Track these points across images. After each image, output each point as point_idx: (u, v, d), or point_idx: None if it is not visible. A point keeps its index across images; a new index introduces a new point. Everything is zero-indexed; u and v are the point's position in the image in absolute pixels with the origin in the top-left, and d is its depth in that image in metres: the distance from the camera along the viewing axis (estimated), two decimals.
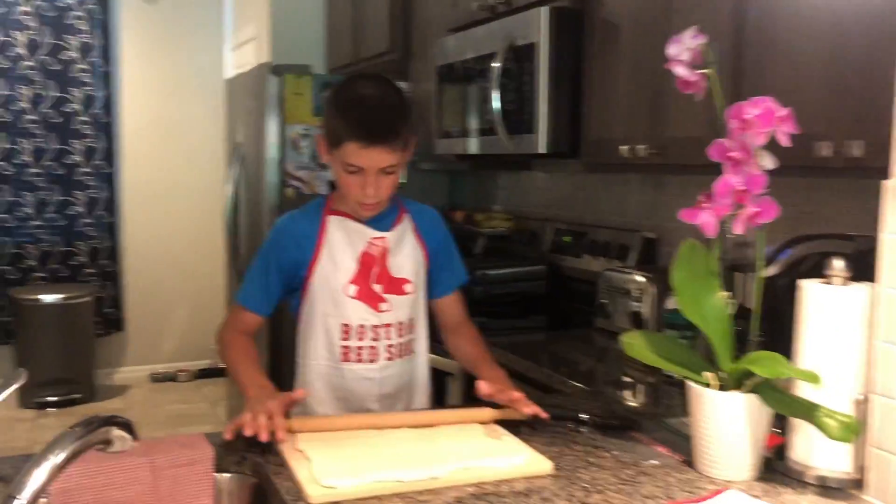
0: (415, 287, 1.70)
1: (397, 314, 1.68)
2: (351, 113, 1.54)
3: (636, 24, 2.10)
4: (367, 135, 1.51)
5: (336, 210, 1.67)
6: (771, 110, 1.20)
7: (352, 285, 1.64)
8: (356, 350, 1.66)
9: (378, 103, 1.56)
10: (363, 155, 1.52)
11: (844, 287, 1.26)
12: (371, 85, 1.60)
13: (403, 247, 1.69)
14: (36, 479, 0.91)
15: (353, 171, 1.55)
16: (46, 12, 4.82)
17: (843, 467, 1.26)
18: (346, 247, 1.65)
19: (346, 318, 1.64)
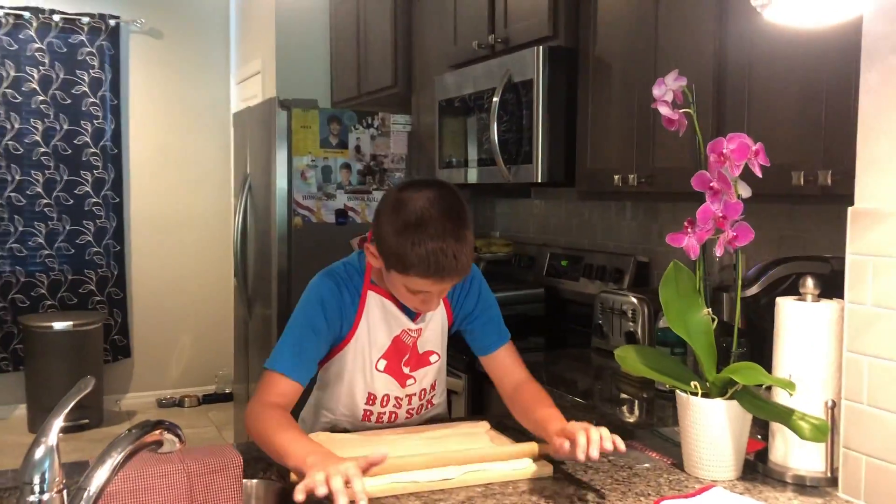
0: (439, 357, 1.71)
1: (421, 384, 1.70)
2: (422, 245, 1.41)
3: (626, 62, 2.26)
4: (439, 272, 1.44)
5: (376, 286, 1.62)
6: (746, 145, 1.34)
7: (382, 360, 1.64)
8: (377, 415, 1.68)
9: (451, 234, 1.43)
10: (433, 287, 1.48)
11: (816, 304, 1.39)
12: (437, 207, 1.44)
13: (432, 323, 1.67)
14: (100, 475, 1.03)
15: (416, 292, 1.50)
16: (59, 49, 4.99)
17: (818, 467, 1.38)
18: (382, 326, 1.62)
19: (374, 388, 1.65)
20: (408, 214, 1.44)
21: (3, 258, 4.96)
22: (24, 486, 0.95)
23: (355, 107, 3.94)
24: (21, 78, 4.92)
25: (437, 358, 1.70)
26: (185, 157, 5.43)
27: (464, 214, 1.48)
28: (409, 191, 1.48)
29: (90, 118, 5.10)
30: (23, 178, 4.97)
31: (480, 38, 2.82)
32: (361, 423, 1.68)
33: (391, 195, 1.51)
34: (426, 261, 1.42)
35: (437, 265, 1.42)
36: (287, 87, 4.28)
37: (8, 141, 4.90)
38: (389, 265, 1.49)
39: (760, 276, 1.78)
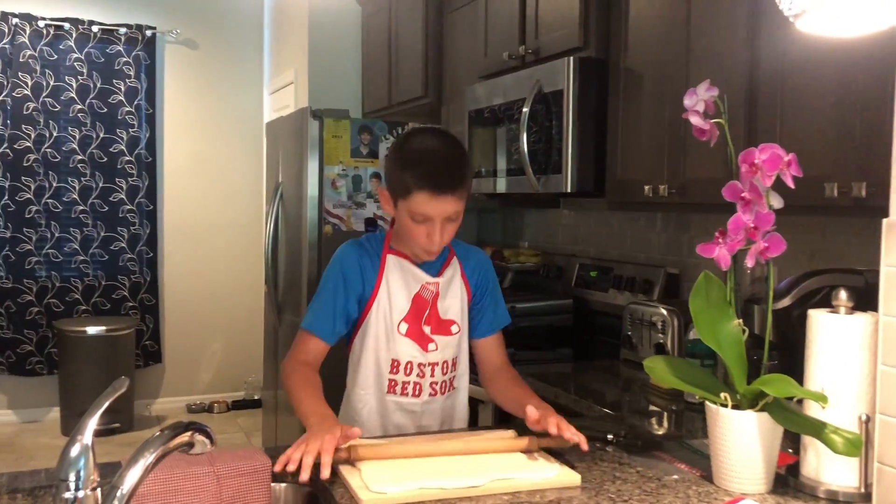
0: (460, 328, 1.80)
1: (443, 353, 1.78)
2: (420, 165, 1.62)
3: (657, 72, 2.25)
4: (437, 185, 1.60)
5: (394, 250, 1.77)
6: (777, 155, 1.33)
7: (404, 323, 1.74)
8: (402, 384, 1.76)
9: (445, 155, 1.65)
10: (432, 204, 1.61)
11: (849, 316, 1.37)
12: (435, 138, 1.69)
13: (451, 289, 1.79)
14: (133, 474, 1.05)
15: (420, 221, 1.64)
16: (97, 59, 5.09)
17: (852, 482, 1.36)
18: (401, 287, 1.74)
19: (396, 354, 1.74)
20: (410, 146, 1.68)
21: (40, 263, 5.06)
22: (60, 483, 0.97)
23: (386, 117, 3.97)
24: (60, 87, 5.03)
25: (458, 329, 1.80)
26: (218, 166, 5.50)
27: (460, 147, 1.71)
28: (413, 133, 1.74)
29: (126, 126, 5.19)
30: (59, 185, 5.07)
31: (511, 49, 2.84)
32: (387, 395, 1.76)
33: (397, 138, 1.74)
34: (426, 175, 1.60)
35: (435, 177, 1.60)
36: (319, 98, 4.33)
37: (46, 148, 5.01)
38: (395, 194, 1.66)
39: (792, 288, 1.76)
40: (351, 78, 4.44)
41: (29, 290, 5.04)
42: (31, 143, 4.96)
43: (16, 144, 4.92)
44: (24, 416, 5.14)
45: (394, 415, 1.78)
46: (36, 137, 4.97)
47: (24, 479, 1.40)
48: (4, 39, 4.87)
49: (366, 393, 1.77)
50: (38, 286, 5.06)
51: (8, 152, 4.91)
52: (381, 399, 1.77)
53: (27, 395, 5.13)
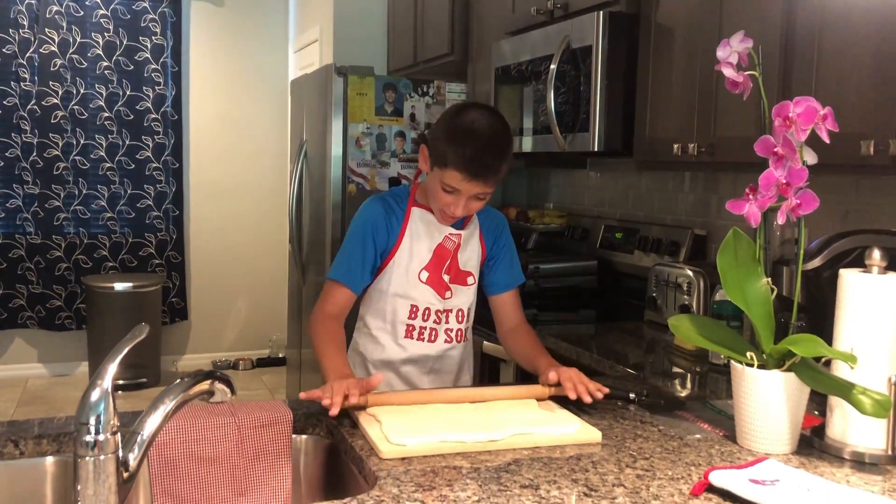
0: (475, 280, 1.88)
1: (458, 301, 1.85)
2: (461, 145, 1.65)
3: (689, 27, 2.19)
4: (472, 171, 1.65)
5: (419, 203, 1.83)
6: (813, 109, 1.29)
7: (424, 271, 1.80)
8: (419, 329, 1.82)
9: (487, 142, 1.66)
10: (463, 184, 1.67)
11: (882, 276, 1.34)
12: (485, 119, 1.69)
13: (471, 243, 1.86)
14: (153, 420, 1.06)
15: (449, 192, 1.70)
16: (123, 16, 5.08)
17: (879, 444, 1.34)
18: (424, 237, 1.81)
19: (415, 299, 1.81)
20: (461, 120, 1.69)
21: (68, 220, 5.11)
22: (81, 426, 0.97)
23: (411, 75, 3.92)
24: (87, 44, 5.03)
25: (473, 281, 1.86)
26: (244, 124, 5.50)
27: (507, 137, 1.73)
28: (470, 106, 1.75)
29: (152, 84, 5.19)
30: (87, 142, 5.10)
31: (539, 4, 2.78)
32: (403, 340, 1.81)
33: (454, 106, 1.76)
34: (465, 158, 1.64)
35: (473, 165, 1.64)
36: (344, 55, 4.29)
37: (73, 105, 5.03)
38: (434, 161, 1.71)
39: (823, 248, 1.72)
40: (376, 36, 4.38)
41: (58, 246, 5.10)
42: (59, 100, 4.98)
43: (43, 101, 4.94)
44: (54, 369, 5.24)
45: (407, 359, 1.83)
46: (63, 94, 4.99)
47: (48, 425, 1.41)
48: None
49: (380, 336, 1.83)
50: (66, 242, 5.12)
51: (36, 109, 4.93)
52: (396, 343, 1.82)
53: (57, 350, 5.22)
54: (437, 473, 1.22)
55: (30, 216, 5.03)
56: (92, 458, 0.97)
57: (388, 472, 1.23)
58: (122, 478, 1.01)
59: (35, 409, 4.58)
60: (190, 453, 1.40)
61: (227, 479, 1.42)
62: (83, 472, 0.98)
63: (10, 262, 5.03)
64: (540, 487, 1.18)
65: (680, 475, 1.24)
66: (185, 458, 1.40)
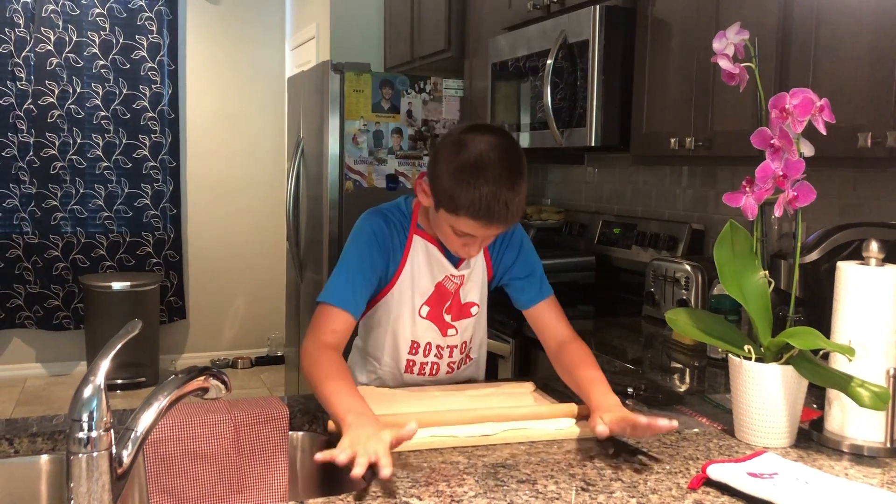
0: (479, 309, 1.71)
1: (462, 336, 1.70)
2: (472, 188, 1.41)
3: (686, 21, 2.18)
4: (489, 217, 1.43)
5: (422, 230, 1.64)
6: (809, 100, 1.28)
7: (425, 306, 1.64)
8: (420, 365, 1.69)
9: (501, 179, 1.42)
10: (480, 231, 1.47)
11: (880, 268, 1.33)
12: (493, 148, 1.44)
13: (473, 275, 1.68)
14: (147, 416, 1.05)
15: (461, 236, 1.51)
16: (119, 14, 5.07)
17: (877, 437, 1.33)
18: (426, 271, 1.63)
19: (416, 336, 1.66)
20: (467, 155, 1.44)
21: (65, 219, 5.10)
22: (73, 423, 0.97)
23: (408, 71, 3.92)
24: (83, 43, 5.01)
25: (478, 310, 1.70)
26: (241, 122, 5.49)
27: (521, 164, 1.47)
28: (471, 133, 1.48)
29: (148, 83, 5.17)
30: (84, 141, 5.09)
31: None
32: (404, 375, 1.69)
33: (453, 135, 1.50)
34: (477, 204, 1.41)
35: (488, 209, 1.42)
36: (340, 53, 4.28)
37: (70, 104, 5.01)
38: (440, 204, 1.49)
39: (821, 241, 1.72)
40: (373, 32, 4.38)
41: (55, 245, 5.09)
42: (55, 99, 4.96)
43: (40, 100, 4.93)
44: (52, 369, 5.23)
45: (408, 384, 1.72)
46: (59, 93, 4.97)
47: (44, 423, 1.41)
48: None
49: (381, 369, 1.71)
50: (63, 242, 5.11)
51: (32, 108, 4.92)
52: (396, 376, 1.71)
53: (55, 350, 5.22)
54: (434, 469, 1.22)
55: (27, 216, 5.02)
56: (85, 454, 0.97)
57: None
58: (115, 475, 1.00)
59: (33, 408, 4.57)
60: (186, 450, 1.40)
61: (224, 476, 1.42)
62: (76, 469, 0.97)
63: (7, 262, 5.02)
64: (537, 482, 1.17)
65: (678, 469, 1.23)
66: (182, 455, 1.39)
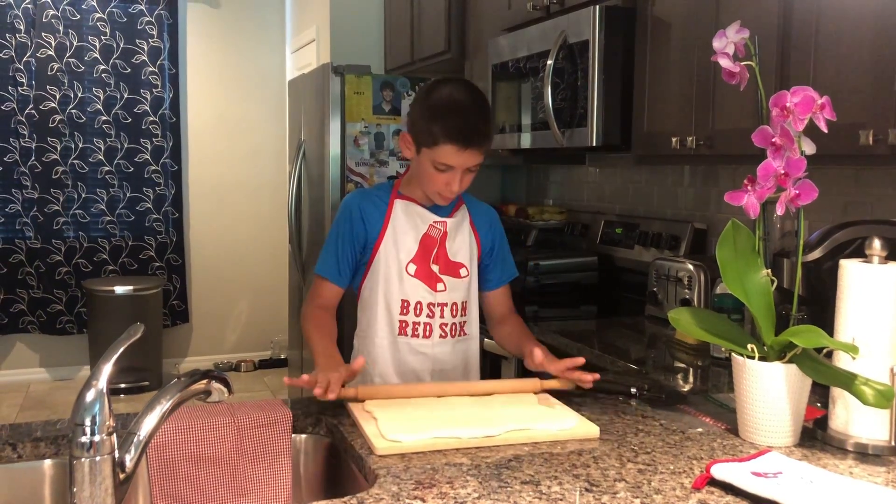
0: (469, 272, 1.83)
1: (452, 295, 1.81)
2: (449, 118, 1.64)
3: (686, 21, 2.18)
4: (466, 139, 1.63)
5: (403, 195, 1.80)
6: (810, 98, 1.28)
7: (412, 264, 1.77)
8: (412, 325, 1.79)
9: (473, 109, 1.67)
10: (458, 156, 1.65)
11: (882, 265, 1.33)
12: (462, 90, 1.70)
13: (460, 233, 1.82)
14: (150, 420, 1.05)
15: (442, 170, 1.67)
16: (119, 19, 5.08)
17: (882, 435, 1.33)
18: (409, 229, 1.78)
19: (406, 294, 1.77)
20: (437, 95, 1.69)
21: (68, 224, 5.11)
22: (76, 427, 0.97)
23: (408, 73, 3.91)
24: (83, 47, 5.02)
25: (467, 273, 1.82)
26: (242, 126, 5.49)
27: (486, 101, 1.73)
28: (439, 83, 1.74)
29: (149, 87, 5.18)
30: (85, 146, 5.09)
31: (535, 0, 2.76)
32: (398, 339, 1.78)
33: (423, 87, 1.76)
34: (455, 129, 1.63)
35: (464, 131, 1.63)
36: (341, 55, 4.28)
37: (71, 109, 5.02)
38: (420, 143, 1.69)
39: (823, 240, 1.72)
40: (373, 35, 4.38)
41: (57, 250, 5.09)
42: (56, 104, 4.97)
43: (41, 105, 4.93)
44: (55, 374, 5.24)
45: (406, 357, 1.80)
46: (61, 98, 4.98)
47: (47, 428, 1.41)
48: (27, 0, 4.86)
49: (377, 336, 1.80)
50: (66, 246, 5.11)
51: (34, 113, 4.93)
52: (393, 341, 1.80)
53: (58, 354, 5.22)
54: (437, 470, 1.22)
55: (29, 221, 5.02)
56: (88, 459, 0.97)
57: (388, 469, 1.22)
58: (118, 479, 1.00)
59: (37, 413, 4.57)
60: (189, 454, 1.40)
61: (227, 479, 1.42)
62: (79, 473, 0.97)
63: (10, 267, 5.03)
64: (541, 483, 1.17)
65: (682, 469, 1.23)
66: (185, 459, 1.39)
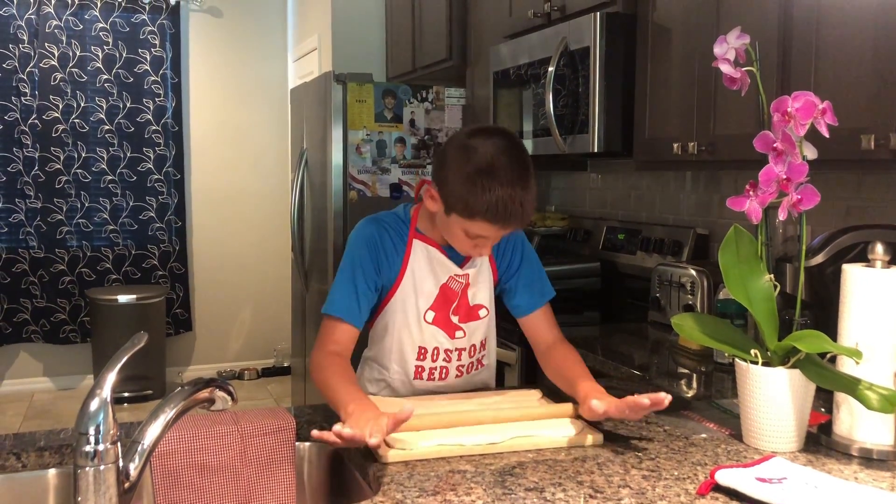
0: (489, 311, 1.71)
1: (471, 339, 1.69)
2: (486, 192, 1.43)
3: (686, 27, 2.19)
4: (505, 218, 1.46)
5: (421, 234, 1.65)
6: (811, 103, 1.28)
7: (430, 312, 1.64)
8: (429, 370, 1.68)
9: (513, 179, 1.45)
10: (495, 232, 1.50)
11: (885, 270, 1.33)
12: (501, 150, 1.46)
13: (481, 276, 1.68)
14: (154, 429, 1.05)
15: (473, 237, 1.52)
16: (122, 28, 5.10)
17: (887, 440, 1.32)
18: (428, 275, 1.63)
19: (424, 342, 1.65)
20: (478, 160, 1.45)
21: (71, 233, 5.12)
22: (80, 436, 0.97)
23: (410, 81, 3.93)
24: (86, 57, 5.04)
25: (486, 313, 1.70)
26: (244, 134, 5.50)
27: (529, 163, 1.50)
28: (477, 137, 1.50)
29: (152, 96, 5.20)
30: (88, 155, 5.11)
31: (536, 7, 2.77)
32: (414, 380, 1.69)
33: (459, 139, 1.52)
34: (494, 207, 1.44)
35: (505, 212, 1.45)
36: (343, 64, 4.29)
37: (74, 119, 5.04)
38: (452, 209, 1.50)
39: (826, 244, 1.72)
40: (375, 43, 4.39)
41: (61, 259, 5.10)
42: (59, 114, 4.99)
43: (44, 115, 4.95)
44: (59, 383, 5.24)
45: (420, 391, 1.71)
46: (64, 108, 5.00)
47: (51, 437, 1.41)
48: (30, 10, 4.88)
49: (390, 377, 1.70)
50: (69, 256, 5.12)
51: (37, 123, 4.94)
52: (406, 381, 1.70)
53: (62, 363, 5.22)
54: (441, 478, 1.21)
55: (32, 230, 5.03)
56: (92, 468, 0.97)
57: (392, 477, 1.22)
58: (122, 488, 1.00)
59: (41, 423, 4.57)
60: (193, 463, 1.39)
61: (231, 488, 1.41)
62: (83, 482, 0.97)
63: (13, 277, 5.03)
64: (545, 490, 1.17)
65: (686, 475, 1.23)
66: (189, 467, 1.39)
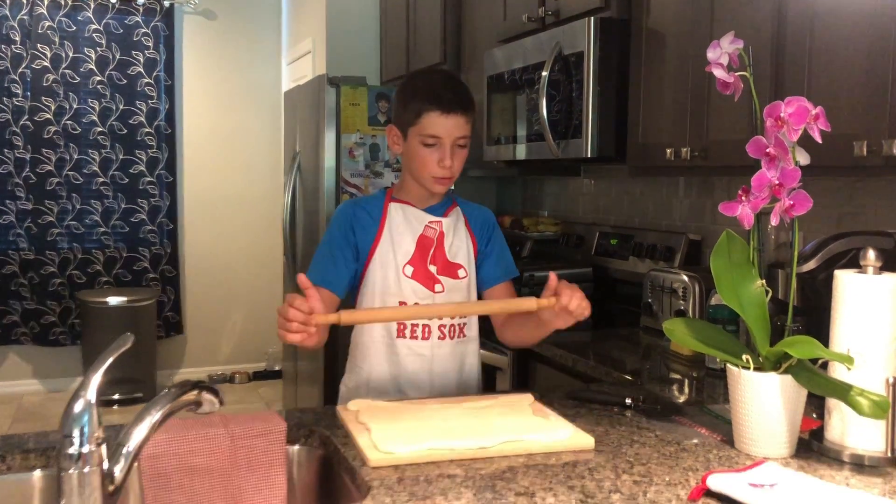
0: (467, 274, 1.80)
1: (451, 296, 1.77)
2: (428, 89, 1.69)
3: (680, 32, 2.19)
4: (447, 103, 1.66)
5: (397, 199, 1.81)
6: (804, 109, 1.28)
7: (409, 266, 1.75)
8: (410, 326, 1.76)
9: (450, 79, 1.76)
10: (442, 123, 1.67)
11: (877, 276, 1.33)
12: (436, 71, 1.90)
13: (457, 234, 1.81)
14: (139, 431, 1.04)
15: (430, 144, 1.68)
16: (115, 30, 5.08)
17: (878, 446, 1.32)
18: (405, 230, 1.77)
19: (403, 296, 1.74)
20: (414, 78, 1.78)
21: (62, 235, 5.09)
22: (64, 438, 0.96)
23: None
24: (79, 59, 5.02)
25: (466, 274, 1.80)
26: (237, 137, 5.49)
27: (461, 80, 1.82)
28: (414, 72, 1.88)
29: (145, 98, 5.18)
30: (80, 157, 5.09)
31: (530, 11, 2.77)
32: (396, 339, 1.75)
33: (401, 81, 1.81)
34: (433, 95, 1.67)
35: (443, 97, 1.67)
36: (337, 67, 4.28)
37: (66, 121, 5.02)
38: (405, 125, 1.71)
39: (818, 250, 1.71)
40: (369, 47, 4.39)
41: (51, 261, 5.08)
42: (52, 115, 4.97)
43: (36, 116, 4.93)
44: (49, 385, 5.21)
45: (404, 360, 1.76)
46: (56, 109, 4.98)
47: (38, 439, 1.39)
48: (23, 11, 4.87)
49: (375, 339, 1.77)
50: (60, 258, 5.09)
51: (28, 124, 4.92)
52: (390, 343, 1.76)
53: (52, 365, 5.19)
54: (431, 482, 1.20)
55: (23, 232, 5.01)
56: (76, 470, 0.96)
57: (381, 481, 1.21)
58: (107, 491, 0.99)
59: (30, 425, 4.54)
60: (182, 465, 1.38)
61: (221, 490, 1.40)
62: (67, 485, 0.96)
63: (3, 278, 5.01)
64: (535, 495, 1.16)
65: (677, 480, 1.22)
66: (178, 470, 1.37)
